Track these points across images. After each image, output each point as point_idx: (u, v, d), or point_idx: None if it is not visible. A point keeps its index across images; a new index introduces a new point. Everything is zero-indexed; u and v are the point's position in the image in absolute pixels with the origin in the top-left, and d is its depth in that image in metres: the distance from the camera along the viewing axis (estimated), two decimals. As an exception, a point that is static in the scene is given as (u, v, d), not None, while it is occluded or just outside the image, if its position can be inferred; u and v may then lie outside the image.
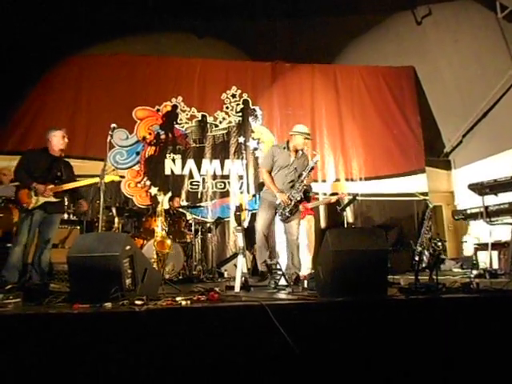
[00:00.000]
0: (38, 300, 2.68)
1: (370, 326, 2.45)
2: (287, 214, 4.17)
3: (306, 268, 4.99)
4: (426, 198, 7.47)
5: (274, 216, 4.32)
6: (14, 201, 4.20)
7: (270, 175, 4.34)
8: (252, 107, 7.73)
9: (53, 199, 4.02)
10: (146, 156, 7.27)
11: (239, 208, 6.71)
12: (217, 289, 3.08)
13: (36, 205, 3.94)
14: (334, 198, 6.14)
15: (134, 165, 7.20)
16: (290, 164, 4.30)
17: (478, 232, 6.72)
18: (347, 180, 7.69)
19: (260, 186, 6.27)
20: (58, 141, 4.15)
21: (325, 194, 7.36)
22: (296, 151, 4.37)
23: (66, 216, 5.68)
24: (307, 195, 4.27)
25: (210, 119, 7.57)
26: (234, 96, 7.70)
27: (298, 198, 4.18)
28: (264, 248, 4.25)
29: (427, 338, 2.45)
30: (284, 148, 4.38)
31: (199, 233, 6.04)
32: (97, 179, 4.11)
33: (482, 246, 5.90)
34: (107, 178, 4.15)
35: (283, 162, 4.31)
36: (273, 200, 4.24)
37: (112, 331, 2.24)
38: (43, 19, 6.69)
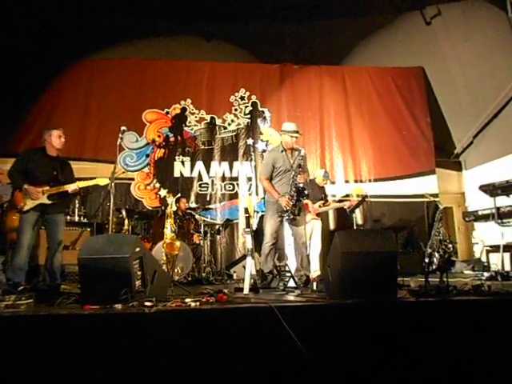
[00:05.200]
0: (49, 301, 2.71)
1: (379, 329, 2.43)
2: (292, 215, 4.13)
3: (313, 270, 4.95)
4: (437, 199, 7.38)
5: (282, 220, 4.31)
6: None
7: (270, 182, 4.36)
8: (260, 109, 7.74)
9: (47, 201, 3.89)
10: (156, 158, 7.33)
11: (247, 210, 6.70)
12: (225, 290, 3.09)
13: (30, 206, 3.84)
14: (346, 204, 6.03)
15: (144, 167, 7.27)
16: (291, 165, 4.30)
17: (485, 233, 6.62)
18: (356, 181, 7.65)
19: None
20: (54, 140, 4.06)
21: (334, 196, 7.30)
22: (291, 151, 4.38)
23: (76, 218, 5.78)
24: (304, 193, 4.17)
25: (218, 121, 7.60)
26: (242, 98, 7.73)
27: (296, 198, 4.12)
28: (270, 257, 4.24)
29: (437, 340, 2.43)
30: (282, 151, 4.38)
31: (208, 234, 6.05)
32: (93, 182, 4.13)
33: (494, 248, 5.82)
34: (102, 181, 4.15)
35: (284, 166, 4.32)
36: (276, 201, 4.23)
37: (122, 332, 2.26)
38: (54, 25, 6.81)
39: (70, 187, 4.00)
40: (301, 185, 4.17)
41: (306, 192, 4.11)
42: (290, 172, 4.28)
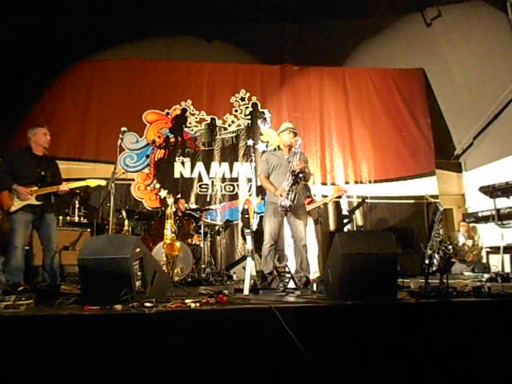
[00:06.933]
0: (49, 301, 2.71)
1: (379, 330, 2.43)
2: (288, 202, 4.07)
3: (313, 272, 4.94)
4: (437, 200, 7.40)
5: (281, 220, 4.30)
6: None
7: (268, 179, 4.39)
8: (261, 110, 7.75)
9: (35, 202, 3.84)
10: (156, 159, 7.33)
11: (246, 211, 6.68)
12: (226, 291, 3.08)
13: (18, 207, 3.79)
14: (333, 196, 5.95)
15: (144, 168, 7.27)
16: (285, 160, 4.33)
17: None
18: (356, 182, 7.65)
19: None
20: (40, 138, 3.99)
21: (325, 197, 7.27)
22: (289, 149, 4.42)
23: (76, 219, 5.77)
24: (300, 177, 4.17)
25: (219, 122, 7.61)
26: (242, 99, 7.73)
27: (292, 182, 4.12)
28: (270, 258, 4.22)
29: (437, 342, 2.43)
30: (275, 149, 4.45)
31: (208, 235, 6.05)
32: (84, 183, 4.13)
33: (494, 250, 5.82)
34: (92, 183, 4.14)
35: (278, 161, 4.37)
36: (276, 200, 4.20)
37: (122, 333, 2.25)
38: (55, 25, 6.81)
39: (59, 188, 3.95)
40: (297, 170, 4.13)
41: (301, 175, 4.11)
42: (283, 168, 4.29)
